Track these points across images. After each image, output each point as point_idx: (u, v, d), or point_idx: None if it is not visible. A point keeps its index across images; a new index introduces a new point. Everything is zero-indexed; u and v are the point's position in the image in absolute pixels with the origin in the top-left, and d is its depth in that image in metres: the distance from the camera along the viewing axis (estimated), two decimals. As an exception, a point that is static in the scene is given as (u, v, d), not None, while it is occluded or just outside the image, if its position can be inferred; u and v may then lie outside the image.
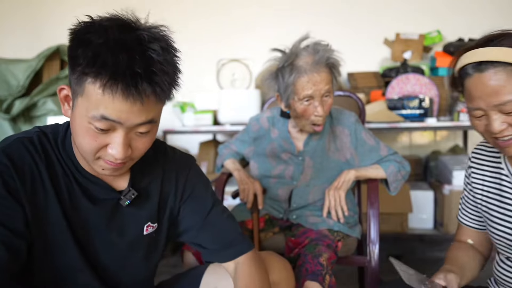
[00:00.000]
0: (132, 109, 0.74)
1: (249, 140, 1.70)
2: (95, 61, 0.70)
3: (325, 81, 1.42)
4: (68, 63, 0.76)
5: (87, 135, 0.76)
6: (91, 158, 0.80)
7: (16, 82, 2.79)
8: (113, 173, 0.83)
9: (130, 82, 0.71)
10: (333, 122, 1.59)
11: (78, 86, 0.74)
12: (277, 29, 3.22)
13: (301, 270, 1.24)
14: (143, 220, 0.94)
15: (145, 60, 0.72)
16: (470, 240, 1.12)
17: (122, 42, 0.72)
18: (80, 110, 0.75)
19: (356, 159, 1.56)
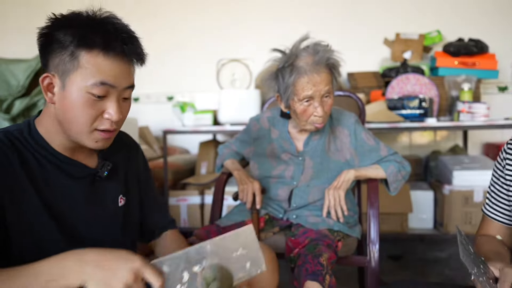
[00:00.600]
0: (123, 71, 0.88)
1: (249, 140, 1.70)
2: (85, 34, 0.84)
3: (325, 82, 1.42)
4: (48, 51, 0.87)
5: (85, 105, 0.86)
6: (86, 131, 0.88)
7: (16, 82, 2.79)
8: (105, 144, 0.92)
9: (121, 45, 0.86)
10: (333, 122, 1.59)
11: (71, 63, 0.85)
12: (277, 29, 3.22)
13: (301, 270, 1.24)
14: (117, 192, 1.03)
15: (123, 29, 0.88)
16: (499, 236, 1.08)
17: (98, 19, 0.87)
18: (76, 84, 0.85)
19: (356, 159, 1.56)
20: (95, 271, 0.73)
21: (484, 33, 2.91)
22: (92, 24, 0.86)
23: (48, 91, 0.89)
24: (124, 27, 0.89)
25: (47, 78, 0.88)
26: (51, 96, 0.89)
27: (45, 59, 0.89)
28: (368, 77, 2.92)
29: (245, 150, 1.73)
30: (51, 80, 0.88)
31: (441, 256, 2.63)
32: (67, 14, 0.90)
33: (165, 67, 3.39)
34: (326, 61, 1.42)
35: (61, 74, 0.86)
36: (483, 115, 2.38)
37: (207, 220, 2.65)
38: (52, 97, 0.88)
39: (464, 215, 2.50)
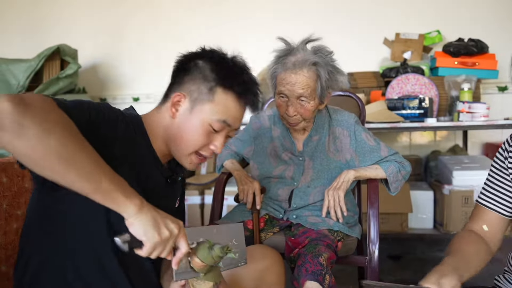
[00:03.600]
0: (241, 116, 1.04)
1: (249, 140, 1.70)
2: (228, 77, 0.98)
3: (301, 84, 1.39)
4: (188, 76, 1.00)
5: (202, 133, 0.99)
6: (190, 151, 1.00)
7: (16, 82, 2.79)
8: (195, 167, 1.05)
9: (252, 97, 1.02)
10: (333, 123, 1.58)
11: (207, 95, 0.98)
12: (278, 29, 3.22)
13: (301, 270, 1.24)
14: (177, 195, 1.17)
15: (255, 82, 1.04)
16: (486, 226, 1.07)
17: (240, 67, 1.02)
18: (203, 113, 0.98)
19: (356, 160, 1.56)
20: (152, 211, 0.82)
21: (484, 33, 2.91)
22: (235, 69, 1.01)
23: (173, 107, 1.00)
24: (256, 81, 1.05)
25: (179, 96, 1.00)
26: (175, 112, 1.00)
27: (180, 79, 1.01)
28: (368, 77, 2.92)
29: (244, 150, 1.72)
30: (181, 98, 1.00)
31: (441, 256, 2.60)
32: (216, 50, 1.03)
33: (165, 67, 3.39)
34: (310, 64, 1.39)
35: (193, 99, 0.99)
36: (483, 115, 2.39)
37: (207, 220, 2.64)
38: (175, 113, 1.00)
39: (464, 215, 2.50)
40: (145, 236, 0.80)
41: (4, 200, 1.18)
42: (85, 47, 3.31)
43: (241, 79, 1.00)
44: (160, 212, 0.84)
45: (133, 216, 0.79)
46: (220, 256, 0.87)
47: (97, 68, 3.45)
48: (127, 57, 3.43)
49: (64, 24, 3.50)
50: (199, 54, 1.02)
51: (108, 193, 0.76)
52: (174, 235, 0.83)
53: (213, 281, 0.90)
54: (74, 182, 0.74)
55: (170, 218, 0.84)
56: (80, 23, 3.47)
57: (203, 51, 1.03)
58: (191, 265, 0.88)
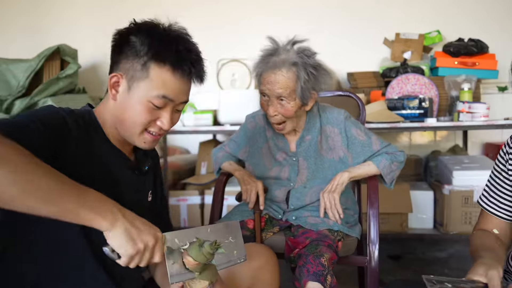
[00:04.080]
0: (184, 89, 0.98)
1: (244, 140, 1.69)
2: (160, 50, 0.92)
3: (280, 84, 1.39)
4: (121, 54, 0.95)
5: (144, 111, 0.94)
6: (138, 131, 0.97)
7: (16, 82, 2.79)
8: (152, 145, 1.01)
9: (189, 67, 0.95)
10: (323, 121, 1.57)
11: (141, 72, 0.93)
12: (277, 29, 3.22)
13: (303, 270, 1.24)
14: (148, 188, 1.12)
15: (193, 50, 0.97)
16: (496, 230, 1.08)
17: (173, 35, 0.96)
18: (141, 91, 0.93)
19: (349, 156, 1.55)
20: (126, 224, 0.80)
21: (484, 33, 2.90)
22: (167, 40, 0.94)
23: (113, 88, 0.97)
24: (194, 48, 0.98)
25: (115, 77, 0.96)
26: (115, 93, 0.97)
27: (116, 59, 0.97)
28: (368, 77, 2.92)
29: (239, 151, 1.71)
30: (118, 79, 0.96)
31: (440, 256, 2.63)
32: (146, 22, 0.97)
33: (165, 67, 3.39)
34: (290, 65, 1.38)
35: (129, 77, 0.94)
36: (483, 115, 2.38)
37: (207, 220, 2.64)
38: (116, 94, 0.97)
39: (464, 215, 2.50)
40: (121, 249, 0.80)
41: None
42: (85, 47, 3.31)
43: (173, 49, 0.94)
44: (134, 222, 0.82)
45: (107, 230, 0.79)
46: (210, 252, 0.88)
47: (97, 68, 3.45)
48: (127, 57, 3.43)
49: (64, 24, 3.49)
50: (130, 29, 0.96)
51: (77, 213, 0.75)
52: (149, 247, 0.82)
53: (208, 280, 0.90)
54: (39, 208, 0.72)
55: (146, 230, 0.83)
56: (80, 23, 3.47)
57: (134, 25, 0.97)
58: (186, 265, 0.88)
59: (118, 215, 0.80)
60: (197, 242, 0.89)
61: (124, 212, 0.82)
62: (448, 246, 2.72)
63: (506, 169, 1.05)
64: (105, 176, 0.97)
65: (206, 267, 0.91)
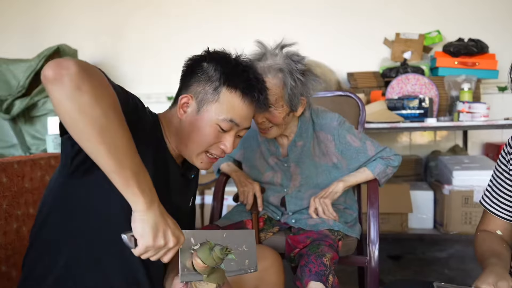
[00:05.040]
0: (249, 115, 1.06)
1: (239, 144, 1.68)
2: (232, 76, 1.01)
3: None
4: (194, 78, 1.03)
5: (210, 133, 1.01)
6: (200, 151, 1.03)
7: (16, 82, 2.79)
8: (207, 166, 1.07)
9: (257, 94, 1.04)
10: (316, 127, 1.53)
11: (212, 95, 1.01)
12: (277, 29, 3.22)
13: (304, 270, 1.24)
14: (191, 194, 1.21)
15: (260, 79, 1.07)
16: (499, 231, 1.07)
17: (244, 66, 1.05)
18: (210, 114, 1.01)
19: (343, 162, 1.53)
20: (158, 215, 0.82)
21: (484, 33, 2.91)
22: (238, 68, 1.03)
23: (181, 109, 1.03)
24: (261, 78, 1.08)
25: (185, 98, 1.03)
26: (183, 113, 1.03)
27: (187, 82, 1.04)
28: (368, 77, 2.92)
29: (236, 154, 1.70)
30: (188, 100, 1.03)
31: (441, 256, 2.63)
32: (218, 51, 1.06)
33: (165, 67, 3.39)
34: (276, 71, 1.34)
35: (199, 100, 1.01)
36: (483, 115, 2.39)
37: (207, 220, 2.64)
38: (183, 114, 1.03)
39: (464, 215, 2.50)
40: (140, 236, 0.81)
41: (4, 200, 1.18)
42: (85, 47, 3.31)
43: (244, 77, 1.02)
44: (166, 219, 0.84)
45: (138, 212, 0.80)
46: (220, 257, 0.88)
47: (97, 68, 3.45)
48: (127, 57, 3.43)
49: (64, 24, 3.49)
50: (203, 56, 1.05)
51: (126, 179, 0.77)
52: (168, 246, 0.83)
53: (215, 283, 0.91)
54: (102, 156, 0.75)
55: (173, 229, 0.84)
56: (80, 23, 3.47)
57: (207, 53, 1.05)
58: (194, 266, 0.89)
59: (155, 204, 0.82)
60: (208, 245, 0.89)
61: (161, 207, 0.84)
62: (448, 246, 2.72)
63: (508, 170, 1.04)
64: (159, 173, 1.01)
65: (214, 270, 0.91)
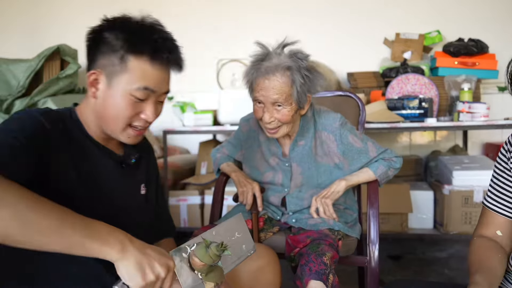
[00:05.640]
0: (164, 78, 0.97)
1: (239, 144, 1.68)
2: (135, 42, 0.92)
3: (275, 90, 1.35)
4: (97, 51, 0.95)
5: (127, 105, 0.94)
6: (122, 126, 0.96)
7: (16, 82, 2.79)
8: (136, 139, 1.01)
9: (166, 55, 0.94)
10: (318, 127, 1.53)
11: (119, 66, 0.92)
12: (277, 29, 3.22)
13: (305, 269, 1.23)
14: (140, 181, 1.11)
15: (169, 39, 0.96)
16: (500, 231, 1.04)
17: (147, 26, 0.95)
18: (122, 85, 0.92)
19: (345, 163, 1.53)
20: (136, 253, 0.78)
21: (484, 33, 2.91)
22: (142, 31, 0.94)
23: (92, 86, 0.96)
24: (169, 37, 0.97)
25: (94, 74, 0.95)
26: (95, 91, 0.96)
27: (92, 56, 0.96)
28: (368, 77, 2.92)
29: (236, 154, 1.70)
30: (97, 76, 0.95)
31: (441, 256, 2.63)
32: (118, 17, 0.97)
33: (165, 67, 3.39)
34: (284, 69, 1.34)
35: (108, 73, 0.93)
36: (483, 115, 2.39)
37: (207, 220, 2.65)
38: (96, 92, 0.96)
39: (464, 215, 2.50)
40: (130, 281, 0.78)
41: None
42: (85, 47, 3.31)
43: (149, 39, 0.93)
44: (147, 252, 0.80)
45: (116, 261, 0.77)
46: (216, 254, 0.88)
47: (97, 68, 3.45)
48: (127, 57, 3.43)
49: (64, 24, 3.49)
50: (103, 25, 0.96)
51: (83, 245, 0.74)
52: (160, 278, 0.80)
53: (214, 282, 0.90)
54: (46, 244, 0.72)
55: (158, 259, 0.80)
56: (80, 23, 3.44)
57: (106, 21, 0.97)
58: (192, 266, 0.88)
59: (127, 244, 0.78)
60: (204, 243, 0.89)
61: (134, 241, 0.80)
62: (448, 246, 2.72)
63: (510, 168, 1.04)
64: (92, 174, 0.96)
65: (212, 268, 0.91)
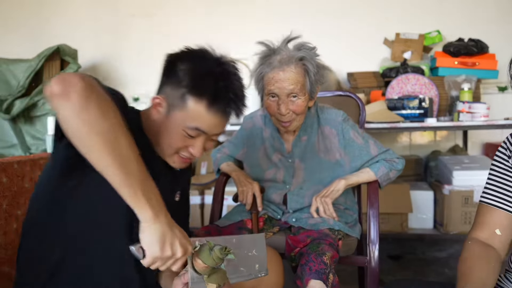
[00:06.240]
0: (218, 124, 0.99)
1: (241, 142, 1.69)
2: (199, 84, 0.94)
3: (290, 81, 1.38)
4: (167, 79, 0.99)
5: (178, 138, 0.98)
6: (170, 152, 1.01)
7: (16, 82, 2.79)
8: (181, 166, 1.05)
9: (225, 105, 0.97)
10: (321, 122, 1.55)
11: (179, 101, 0.96)
12: (277, 29, 3.22)
13: (305, 268, 1.23)
14: (177, 187, 1.16)
15: (232, 88, 0.98)
16: (499, 230, 1.00)
17: (218, 71, 0.96)
18: (177, 119, 0.97)
19: (346, 159, 1.54)
20: (165, 226, 0.82)
21: (484, 33, 2.90)
22: (209, 75, 0.95)
23: (155, 108, 1.00)
24: (234, 86, 0.98)
25: (158, 99, 0.99)
26: (156, 113, 1.00)
27: (162, 82, 1.01)
28: (368, 77, 2.92)
29: (238, 153, 1.71)
30: (161, 102, 0.99)
31: (440, 256, 2.63)
32: (196, 50, 0.99)
33: (165, 67, 3.39)
34: (297, 60, 1.38)
35: (169, 103, 0.98)
36: (483, 115, 2.39)
37: (207, 220, 2.64)
38: (156, 114, 1.00)
39: (464, 215, 2.50)
40: (148, 248, 0.81)
41: (4, 200, 1.18)
42: (85, 47, 3.31)
43: (213, 86, 0.95)
44: (174, 229, 0.84)
45: (146, 222, 0.80)
46: (220, 257, 0.88)
47: (97, 68, 3.45)
48: (127, 57, 3.42)
49: (64, 24, 3.49)
50: (179, 55, 0.99)
51: (134, 190, 0.78)
52: (175, 257, 0.83)
53: (216, 283, 0.91)
54: (111, 168, 0.76)
55: (180, 239, 0.84)
56: (80, 23, 3.47)
57: (184, 52, 1.00)
58: (195, 267, 0.89)
59: (162, 214, 0.82)
60: (208, 245, 0.90)
61: (168, 216, 0.83)
62: (448, 246, 2.72)
63: (511, 165, 1.02)
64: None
65: (215, 271, 0.91)
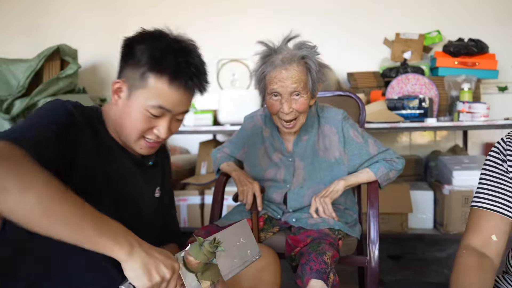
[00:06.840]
0: (182, 100, 0.98)
1: (241, 142, 1.69)
2: (159, 61, 0.93)
3: (293, 79, 1.39)
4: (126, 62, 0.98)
5: (141, 119, 0.96)
6: (135, 137, 0.99)
7: (16, 82, 2.79)
8: (148, 151, 1.04)
9: (186, 79, 0.95)
10: (321, 120, 1.56)
11: (139, 81, 0.95)
12: (277, 29, 3.22)
13: (305, 268, 1.23)
14: (156, 184, 1.16)
15: (193, 63, 0.97)
16: (495, 236, 0.97)
17: (177, 48, 0.96)
18: (139, 100, 0.95)
19: (345, 158, 1.54)
20: (143, 255, 0.80)
21: (484, 33, 2.91)
22: (168, 52, 0.95)
23: (115, 94, 0.99)
24: (194, 61, 0.98)
25: (118, 83, 0.98)
26: (117, 98, 0.99)
27: (121, 66, 0.99)
28: (368, 77, 2.92)
29: (238, 153, 1.71)
30: (120, 86, 0.98)
31: (440, 256, 2.63)
32: (151, 32, 0.99)
33: (165, 67, 3.39)
34: (299, 59, 1.39)
35: (130, 85, 0.97)
36: (483, 115, 2.39)
37: (207, 220, 2.64)
38: (117, 100, 0.99)
39: (464, 215, 2.49)
40: (136, 281, 0.80)
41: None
42: (85, 47, 3.31)
43: (173, 61, 0.94)
44: (153, 254, 0.82)
45: (124, 261, 0.79)
46: (210, 251, 0.88)
47: (97, 68, 3.45)
48: (127, 57, 3.43)
49: (64, 24, 3.49)
50: (135, 38, 0.98)
51: (95, 240, 0.76)
52: (166, 279, 0.82)
53: (210, 280, 0.91)
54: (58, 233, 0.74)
55: (164, 261, 0.83)
56: (80, 23, 3.47)
57: (139, 34, 0.99)
58: (187, 265, 0.89)
59: (135, 246, 0.80)
60: (197, 242, 0.90)
61: (142, 244, 0.82)
62: (448, 246, 2.72)
63: (506, 169, 1.01)
64: (113, 172, 1.00)
65: (208, 267, 0.91)
